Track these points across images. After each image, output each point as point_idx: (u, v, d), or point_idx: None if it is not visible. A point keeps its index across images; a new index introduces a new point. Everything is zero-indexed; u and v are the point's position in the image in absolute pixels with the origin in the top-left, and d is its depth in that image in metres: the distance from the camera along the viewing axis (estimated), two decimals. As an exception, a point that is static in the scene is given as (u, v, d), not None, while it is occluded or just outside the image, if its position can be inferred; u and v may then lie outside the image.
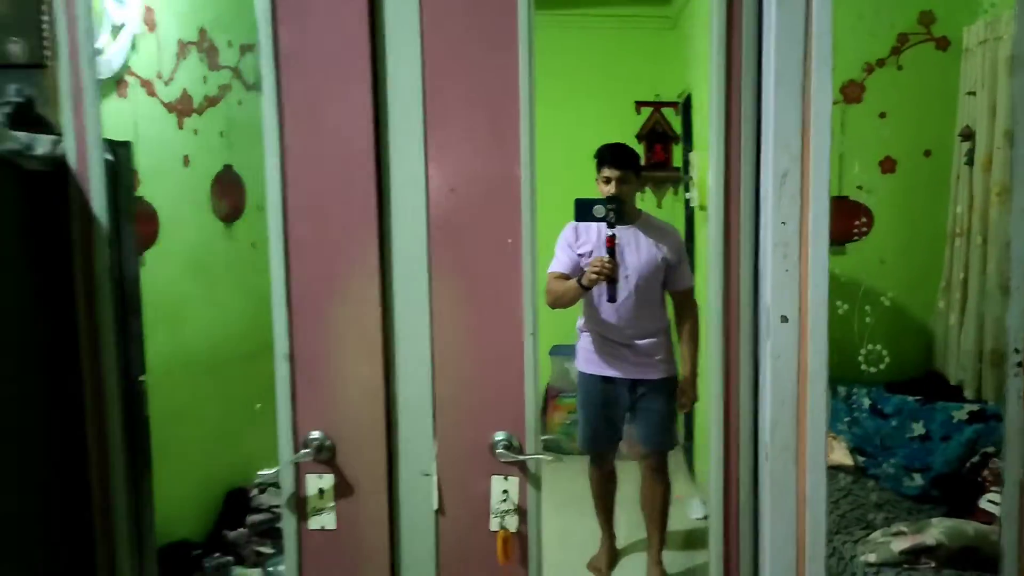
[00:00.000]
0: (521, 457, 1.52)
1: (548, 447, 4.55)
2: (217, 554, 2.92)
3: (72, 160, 1.60)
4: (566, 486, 4.12)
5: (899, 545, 1.88)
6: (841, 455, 2.54)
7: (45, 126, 1.68)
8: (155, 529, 1.80)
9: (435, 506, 1.56)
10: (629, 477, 3.27)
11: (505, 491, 1.55)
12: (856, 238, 3.25)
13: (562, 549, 3.36)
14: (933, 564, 1.84)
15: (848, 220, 3.22)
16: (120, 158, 1.78)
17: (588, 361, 3.09)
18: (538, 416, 1.54)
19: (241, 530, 3.10)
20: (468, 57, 1.52)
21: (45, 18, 1.73)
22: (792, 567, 1.48)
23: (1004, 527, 1.41)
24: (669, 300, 3.02)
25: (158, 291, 2.69)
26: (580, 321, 3.11)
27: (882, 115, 3.21)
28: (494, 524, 1.55)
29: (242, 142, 3.42)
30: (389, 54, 1.52)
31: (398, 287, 1.56)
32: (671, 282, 2.94)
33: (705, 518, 3.38)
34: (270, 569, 2.92)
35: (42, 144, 1.57)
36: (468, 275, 1.55)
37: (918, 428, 2.69)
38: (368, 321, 1.55)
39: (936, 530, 1.87)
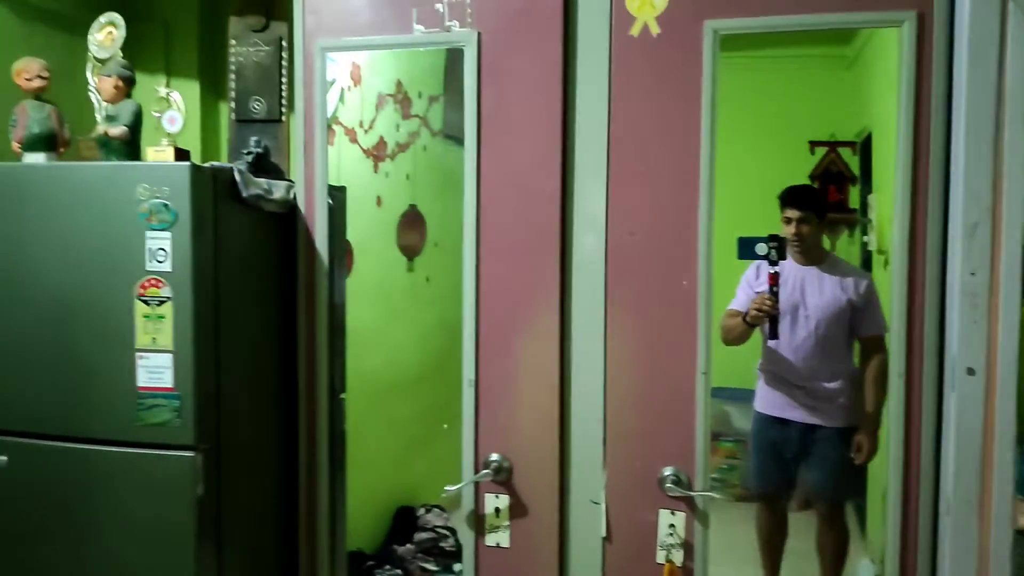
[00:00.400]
0: (690, 493, 1.57)
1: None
2: (387, 566, 3.13)
3: (301, 203, 1.85)
4: (722, 533, 4.03)
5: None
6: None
7: (277, 173, 1.95)
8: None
9: (603, 533, 1.64)
10: (802, 529, 3.17)
11: (672, 525, 1.60)
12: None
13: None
14: None
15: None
16: (337, 202, 2.03)
17: (762, 400, 3.10)
18: (708, 453, 1.59)
19: (409, 546, 3.30)
20: (652, 109, 1.62)
21: (283, 80, 2.01)
22: (976, 629, 1.43)
23: None
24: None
25: (350, 321, 2.97)
26: (760, 361, 3.12)
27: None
28: (660, 556, 1.60)
29: (425, 184, 3.71)
30: (579, 107, 1.65)
31: (576, 322, 1.67)
32: (859, 327, 2.89)
33: (875, 577, 3.21)
34: (436, 585, 3.09)
35: (278, 189, 1.83)
36: (644, 314, 1.63)
37: None
38: (547, 353, 1.67)
39: None
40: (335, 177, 2.98)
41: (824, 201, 3.13)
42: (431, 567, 3.24)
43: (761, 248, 2.62)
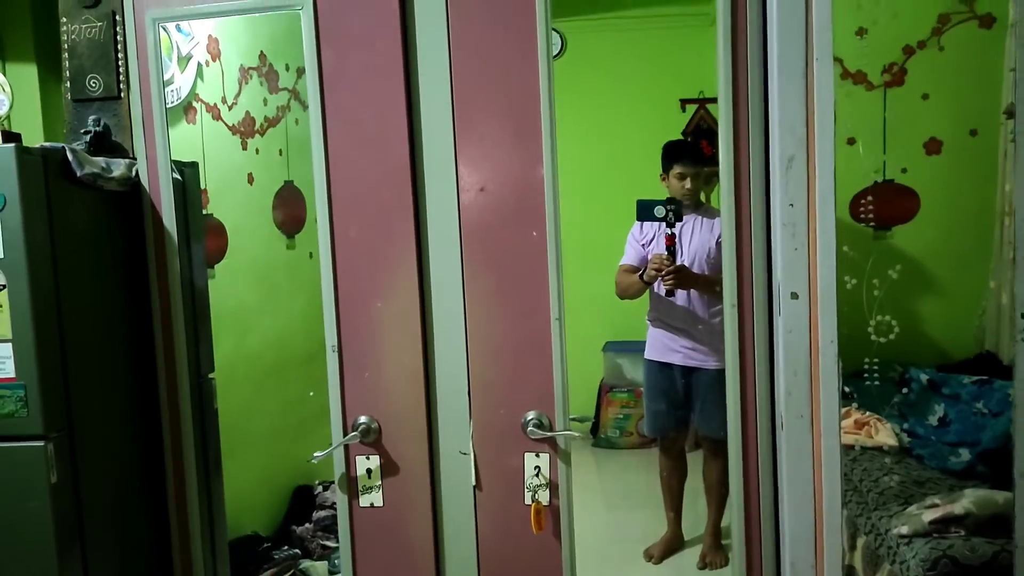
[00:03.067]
0: (551, 434, 1.64)
1: (601, 443, 4.65)
2: (285, 547, 3.12)
3: (145, 180, 1.80)
4: (620, 479, 4.20)
5: (929, 516, 1.91)
6: (886, 436, 2.56)
7: (121, 151, 1.89)
8: (227, 521, 1.99)
9: (473, 482, 1.69)
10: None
11: (537, 467, 1.66)
12: (903, 221, 3.24)
13: (615, 542, 3.44)
14: (962, 532, 1.87)
15: (893, 203, 3.21)
16: (187, 177, 1.98)
17: (650, 348, 3.27)
18: (566, 395, 1.65)
19: (307, 525, 3.30)
20: (492, 67, 1.65)
21: (120, 56, 1.94)
22: (810, 528, 1.55)
23: (1018, 486, 1.45)
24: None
25: (227, 301, 2.92)
26: (648, 310, 3.26)
27: (925, 96, 3.19)
28: (528, 498, 1.66)
29: (300, 159, 3.65)
30: (421, 69, 1.67)
31: (435, 280, 1.70)
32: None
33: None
34: (336, 561, 3.10)
35: (118, 167, 1.78)
36: (498, 267, 1.68)
37: (978, 406, 2.69)
38: (409, 312, 1.70)
39: (966, 500, 1.89)
40: (198, 156, 2.91)
41: (701, 154, 3.29)
42: (332, 543, 3.25)
43: (659, 211, 2.75)
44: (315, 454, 1.67)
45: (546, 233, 1.65)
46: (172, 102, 2.83)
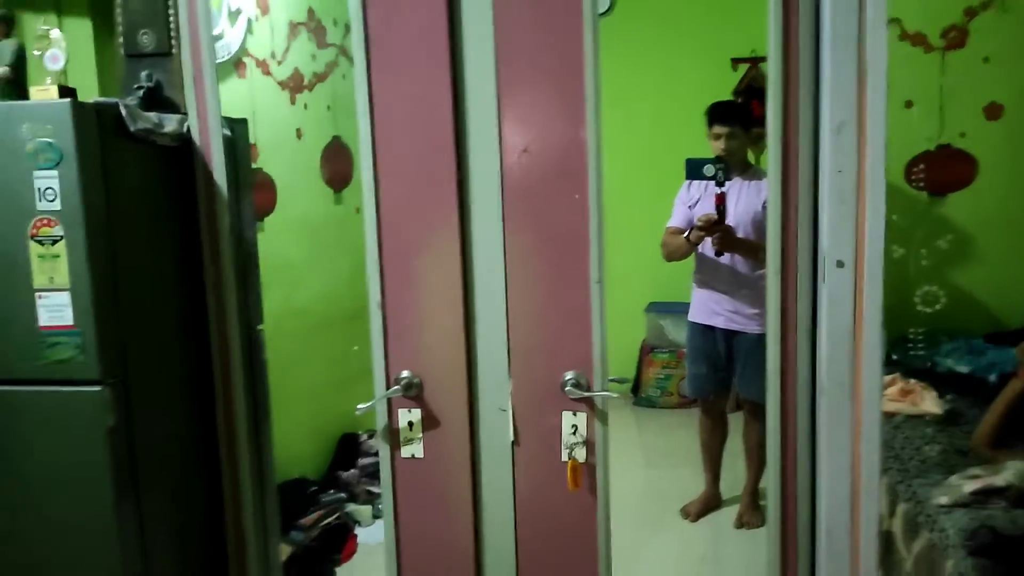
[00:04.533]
0: (588, 394, 1.66)
1: (642, 402, 4.67)
2: (332, 491, 3.24)
3: (196, 136, 1.84)
4: (659, 437, 4.23)
5: (970, 487, 1.89)
6: (930, 404, 2.52)
7: (172, 107, 1.93)
8: (276, 466, 2.07)
9: (511, 438, 1.73)
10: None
11: (574, 425, 1.69)
12: (959, 187, 3.15)
13: (653, 499, 3.48)
14: (1003, 504, 1.85)
15: (950, 168, 3.12)
16: (237, 133, 2.02)
17: (694, 310, 3.28)
18: (604, 356, 1.67)
19: (353, 471, 3.41)
20: (538, 26, 1.63)
21: (171, 11, 1.97)
22: (847, 498, 1.55)
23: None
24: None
25: (275, 255, 2.99)
26: (694, 272, 3.25)
27: (986, 60, 3.07)
28: (564, 455, 1.69)
29: (348, 115, 3.68)
30: (465, 28, 1.66)
31: (476, 240, 1.71)
32: None
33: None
34: (380, 506, 3.20)
35: (170, 123, 1.82)
36: (539, 228, 1.68)
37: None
38: (450, 272, 1.72)
39: (1008, 472, 1.87)
40: (248, 111, 2.96)
41: (749, 116, 3.22)
42: (376, 489, 3.36)
43: (708, 169, 2.72)
44: (359, 406, 1.71)
45: (588, 196, 1.65)
46: (222, 57, 2.88)
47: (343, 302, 3.34)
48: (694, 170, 2.79)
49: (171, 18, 2.01)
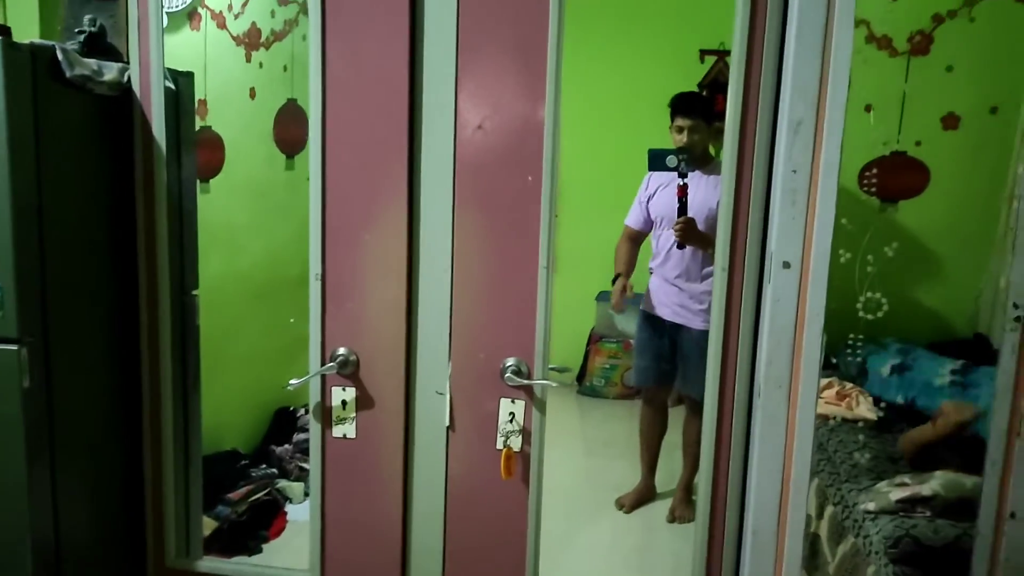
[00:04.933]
0: (528, 382, 1.63)
1: (586, 391, 4.68)
2: (263, 466, 3.16)
3: (136, 86, 1.75)
4: (601, 427, 4.24)
5: (897, 494, 1.92)
6: (865, 410, 2.56)
7: (115, 55, 1.83)
8: (204, 436, 2.00)
9: (447, 423, 1.69)
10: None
11: (512, 413, 1.66)
12: (911, 195, 3.18)
13: (590, 488, 3.49)
14: (928, 513, 1.89)
15: (903, 176, 3.15)
16: (181, 87, 1.92)
17: (646, 299, 3.27)
18: (547, 344, 1.64)
19: (286, 446, 3.33)
20: (502, 4, 1.58)
21: (118, -47, 1.86)
22: (776, 497, 1.56)
23: (988, 473, 1.45)
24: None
25: (219, 217, 2.88)
26: (651, 262, 3.25)
27: (949, 68, 3.10)
28: (500, 443, 1.67)
29: (305, 77, 3.56)
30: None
31: (424, 216, 1.67)
32: None
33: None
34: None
35: (110, 71, 1.72)
36: (490, 209, 1.64)
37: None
38: (395, 246, 1.67)
39: (935, 482, 1.90)
40: (199, 65, 2.83)
41: (712, 109, 3.20)
42: (308, 466, 3.30)
43: (671, 160, 2.69)
44: (291, 381, 1.66)
45: (542, 179, 1.61)
46: (176, 7, 2.74)
47: (287, 270, 3.24)
48: (656, 160, 2.77)
49: (118, -41, 1.91)
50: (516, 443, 1.67)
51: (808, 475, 1.54)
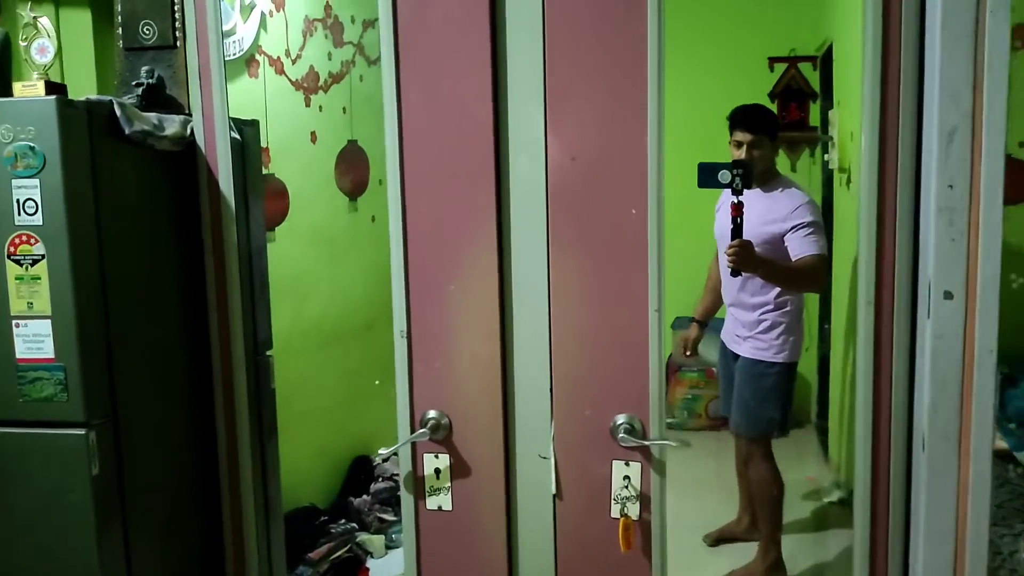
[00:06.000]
0: (644, 442, 1.44)
1: (669, 425, 4.43)
2: (343, 521, 3.02)
3: (200, 139, 1.63)
4: (688, 464, 3.99)
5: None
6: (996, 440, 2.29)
7: (175, 107, 1.73)
8: (282, 495, 1.86)
9: (553, 490, 1.51)
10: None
11: (627, 477, 1.47)
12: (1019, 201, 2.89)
13: (687, 532, 3.25)
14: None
15: (1013, 182, 2.87)
16: (247, 136, 1.81)
17: (724, 327, 3.05)
18: (663, 398, 1.45)
19: (365, 497, 3.19)
20: (591, 18, 1.42)
21: (176, 1, 1.77)
22: (949, 564, 1.33)
23: None
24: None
25: (286, 266, 2.78)
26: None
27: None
28: (615, 511, 1.47)
29: (364, 117, 3.47)
30: (509, 23, 1.45)
31: (516, 261, 1.50)
32: (792, 250, 2.69)
33: (840, 502, 3.18)
34: (393, 536, 2.99)
35: (172, 124, 1.61)
36: (589, 248, 1.47)
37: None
38: (485, 297, 1.50)
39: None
40: (259, 112, 2.75)
41: (775, 121, 2.95)
42: (389, 517, 3.14)
43: (724, 176, 2.40)
44: (380, 451, 1.51)
45: (647, 211, 1.43)
46: (233, 54, 2.67)
47: (356, 315, 3.13)
48: (707, 175, 2.45)
49: (176, 8, 1.81)
50: (634, 511, 1.47)
51: (987, 543, 1.31)
